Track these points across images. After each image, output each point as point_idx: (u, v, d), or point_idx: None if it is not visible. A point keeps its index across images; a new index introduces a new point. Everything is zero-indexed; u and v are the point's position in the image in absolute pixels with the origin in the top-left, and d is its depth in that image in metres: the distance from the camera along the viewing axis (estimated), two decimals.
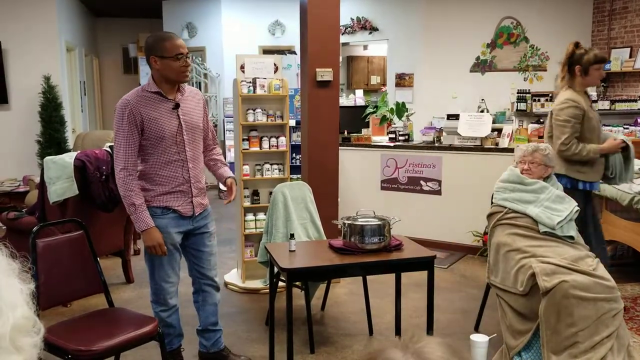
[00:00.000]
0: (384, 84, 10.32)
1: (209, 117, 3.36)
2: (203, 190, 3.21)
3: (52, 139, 7.10)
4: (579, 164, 3.73)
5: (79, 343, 2.53)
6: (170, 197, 3.03)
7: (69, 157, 4.25)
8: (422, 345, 0.84)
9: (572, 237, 3.32)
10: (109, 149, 4.47)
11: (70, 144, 7.35)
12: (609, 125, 5.32)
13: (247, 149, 4.70)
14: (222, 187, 3.34)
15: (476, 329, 3.85)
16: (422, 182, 5.94)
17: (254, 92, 4.67)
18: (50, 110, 7.11)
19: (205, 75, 9.59)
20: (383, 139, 6.40)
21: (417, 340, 0.86)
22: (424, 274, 3.22)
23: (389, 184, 6.12)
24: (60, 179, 4.16)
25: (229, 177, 3.29)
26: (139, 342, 2.75)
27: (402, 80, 8.94)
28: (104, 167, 4.31)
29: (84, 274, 2.95)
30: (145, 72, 9.92)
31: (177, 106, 3.00)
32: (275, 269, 3.30)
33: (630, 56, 8.12)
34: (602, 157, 3.76)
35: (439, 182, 5.84)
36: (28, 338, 0.88)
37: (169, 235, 3.06)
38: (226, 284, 4.78)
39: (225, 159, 3.65)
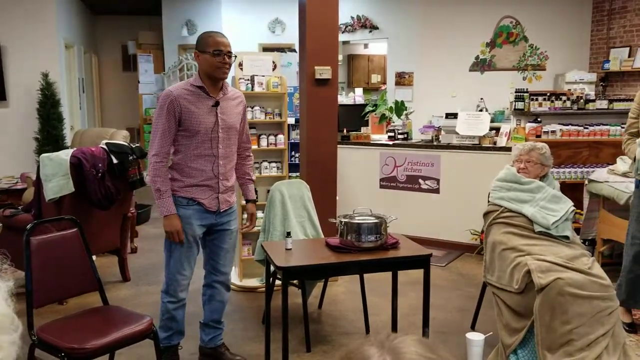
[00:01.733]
0: (384, 83, 10.31)
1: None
2: (231, 188, 3.27)
3: (50, 136, 7.08)
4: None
5: (72, 341, 2.53)
6: (197, 190, 3.10)
7: (65, 155, 4.24)
8: (398, 342, 0.85)
9: (567, 237, 3.32)
10: (105, 147, 4.46)
11: (69, 141, 7.33)
12: (606, 125, 5.30)
13: None
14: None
15: (472, 327, 3.84)
16: (420, 181, 5.93)
17: (252, 89, 4.66)
18: (49, 108, 7.09)
19: None
20: (382, 138, 6.39)
21: (394, 338, 0.86)
22: (422, 272, 3.22)
23: (388, 182, 6.11)
24: (56, 176, 4.15)
25: (250, 200, 3.44)
26: (133, 340, 2.74)
27: (402, 79, 8.92)
28: (100, 165, 4.30)
29: (79, 271, 2.94)
30: (144, 70, 9.90)
31: (216, 104, 3.08)
32: (272, 268, 3.29)
33: (630, 56, 8.11)
34: None
35: (437, 180, 5.83)
36: (6, 335, 0.87)
37: (191, 226, 3.11)
38: None
39: None
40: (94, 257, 4.19)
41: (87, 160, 4.25)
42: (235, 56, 3.17)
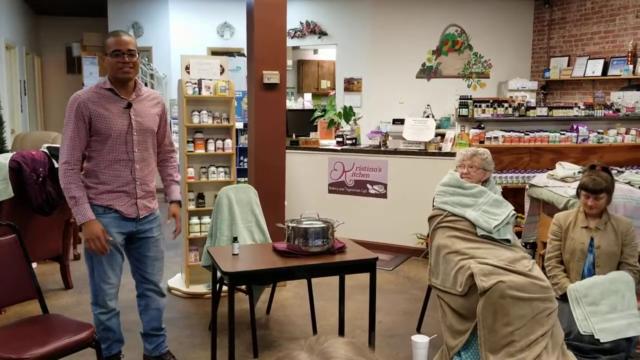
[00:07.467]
0: (333, 88, 10.39)
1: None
2: (151, 193, 3.15)
3: None
4: None
5: (9, 351, 2.44)
6: (113, 197, 2.98)
7: (4, 158, 4.10)
8: (327, 345, 0.87)
9: (508, 240, 3.42)
10: (46, 150, 4.33)
11: (9, 145, 7.08)
12: (546, 132, 5.49)
13: (192, 152, 4.64)
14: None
15: (418, 330, 3.91)
16: (368, 186, 6.00)
17: (199, 93, 4.61)
18: None
19: (152, 76, 9.42)
20: (331, 143, 6.43)
21: (323, 341, 0.88)
22: (369, 276, 3.25)
23: (337, 187, 6.15)
24: None
25: (174, 201, 3.27)
26: (73, 350, 2.67)
27: (351, 85, 9.01)
28: (40, 169, 4.17)
29: (17, 279, 2.84)
30: (89, 72, 9.66)
31: (129, 106, 2.98)
32: (219, 273, 3.26)
33: (568, 65, 8.44)
34: None
35: (385, 185, 5.91)
36: None
37: (110, 234, 2.98)
38: (170, 289, 4.70)
39: None
40: (34, 265, 4.07)
41: (27, 164, 4.12)
42: (139, 54, 3.02)
